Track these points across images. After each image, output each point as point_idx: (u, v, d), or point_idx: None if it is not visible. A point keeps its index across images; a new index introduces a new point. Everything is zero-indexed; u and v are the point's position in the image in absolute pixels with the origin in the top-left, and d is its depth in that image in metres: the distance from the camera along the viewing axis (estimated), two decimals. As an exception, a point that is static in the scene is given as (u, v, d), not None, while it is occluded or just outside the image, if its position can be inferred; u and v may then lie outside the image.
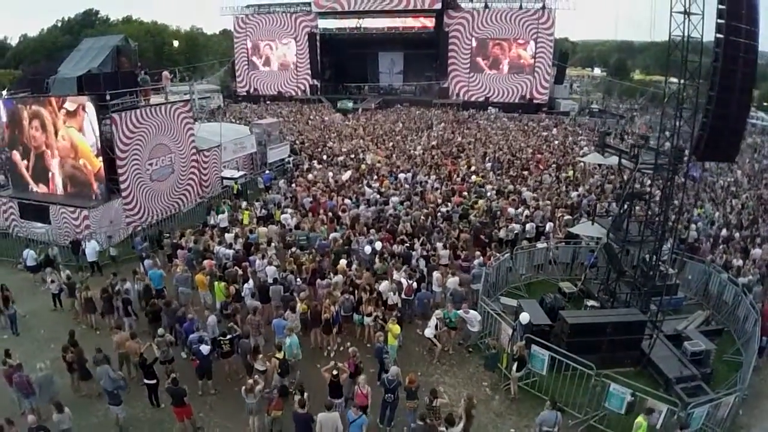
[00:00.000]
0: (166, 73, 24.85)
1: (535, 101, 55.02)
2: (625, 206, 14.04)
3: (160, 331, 12.00)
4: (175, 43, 73.22)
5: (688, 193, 25.75)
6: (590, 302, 14.55)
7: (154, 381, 11.10)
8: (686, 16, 11.23)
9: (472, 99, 56.42)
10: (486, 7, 55.65)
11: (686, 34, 11.26)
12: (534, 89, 55.31)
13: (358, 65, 62.69)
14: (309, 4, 59.64)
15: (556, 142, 36.41)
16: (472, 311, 13.10)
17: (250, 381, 10.12)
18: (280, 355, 11.00)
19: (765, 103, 66.81)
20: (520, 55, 55.33)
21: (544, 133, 40.01)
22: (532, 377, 11.94)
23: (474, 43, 55.99)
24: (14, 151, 21.72)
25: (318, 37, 59.20)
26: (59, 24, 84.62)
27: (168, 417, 10.90)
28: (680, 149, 12.21)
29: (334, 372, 10.36)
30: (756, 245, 19.06)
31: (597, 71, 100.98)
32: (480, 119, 47.99)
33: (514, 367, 11.42)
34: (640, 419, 9.62)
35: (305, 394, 9.57)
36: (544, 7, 53.38)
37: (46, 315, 15.31)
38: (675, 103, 11.88)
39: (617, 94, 73.02)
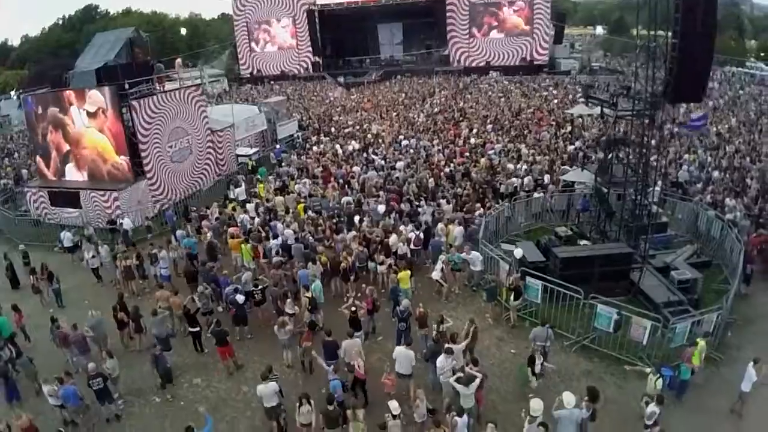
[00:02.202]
0: (179, 60, 26.25)
1: (535, 62, 55.48)
2: (608, 151, 15.25)
3: (200, 288, 13.62)
4: (183, 31, 74.08)
5: (681, 140, 27.03)
6: (583, 242, 15.87)
7: (198, 329, 12.74)
8: None
9: (473, 64, 56.97)
10: (482, -30, 55.95)
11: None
12: (534, 51, 55.74)
13: (358, 39, 63.07)
14: (306, -19, 60.19)
15: (556, 101, 37.29)
16: (473, 252, 14.54)
17: (282, 318, 11.73)
18: (309, 294, 12.64)
19: (762, 54, 66.88)
20: (515, 23, 55.83)
21: (544, 93, 40.86)
22: (529, 307, 13.42)
23: (471, 9, 56.33)
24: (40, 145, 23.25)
25: (316, 14, 59.68)
26: (60, 22, 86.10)
27: (211, 360, 12.62)
28: (654, 94, 13.31)
29: (353, 309, 11.92)
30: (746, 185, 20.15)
31: (599, 29, 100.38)
32: (481, 84, 48.78)
33: (512, 297, 12.91)
34: (702, 343, 10.82)
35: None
36: (540, -32, 53.59)
37: (88, 288, 16.85)
38: (646, 51, 13.03)
39: (619, 51, 73.02)
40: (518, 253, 13.76)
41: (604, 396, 9.90)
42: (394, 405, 8.95)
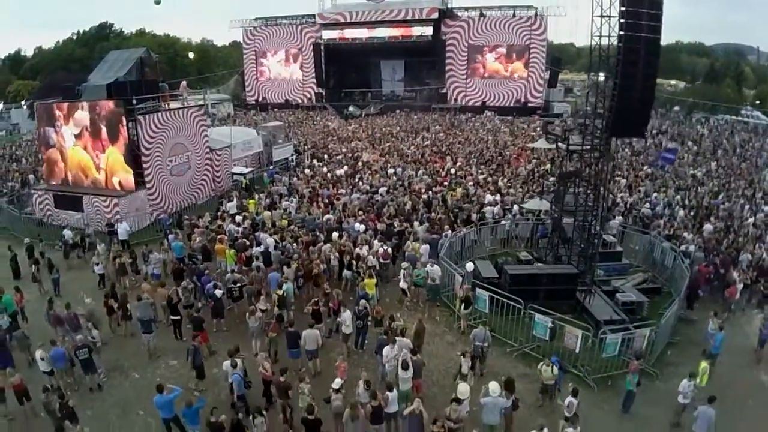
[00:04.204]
0: (184, 83, 28.24)
1: (529, 104, 57.66)
2: (561, 182, 16.91)
3: (184, 283, 15.13)
4: (191, 55, 76.74)
5: (656, 181, 28.70)
6: (523, 253, 17.37)
7: (179, 317, 14.23)
8: (602, 18, 14.28)
9: (470, 103, 59.18)
10: (481, 15, 58.76)
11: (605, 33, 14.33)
12: (528, 93, 57.96)
13: (361, 73, 65.61)
14: (314, 16, 63.23)
15: (550, 145, 39.04)
16: (435, 266, 16.06)
17: (252, 307, 13.27)
18: (279, 292, 14.19)
19: (758, 102, 69.06)
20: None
21: (532, 134, 42.81)
22: (478, 317, 14.84)
23: (470, 51, 59.01)
24: (49, 151, 25.07)
25: (322, 47, 62.26)
26: (74, 37, 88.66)
27: (188, 346, 13.96)
28: (599, 129, 14.99)
29: (314, 307, 13.48)
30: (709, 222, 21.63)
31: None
32: (475, 122, 50.86)
33: (462, 307, 14.37)
34: (704, 364, 11.92)
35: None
36: (536, 15, 56.28)
37: (84, 282, 18.12)
38: (595, 91, 14.83)
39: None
40: (469, 266, 15.34)
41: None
42: (336, 381, 10.37)
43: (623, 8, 13.60)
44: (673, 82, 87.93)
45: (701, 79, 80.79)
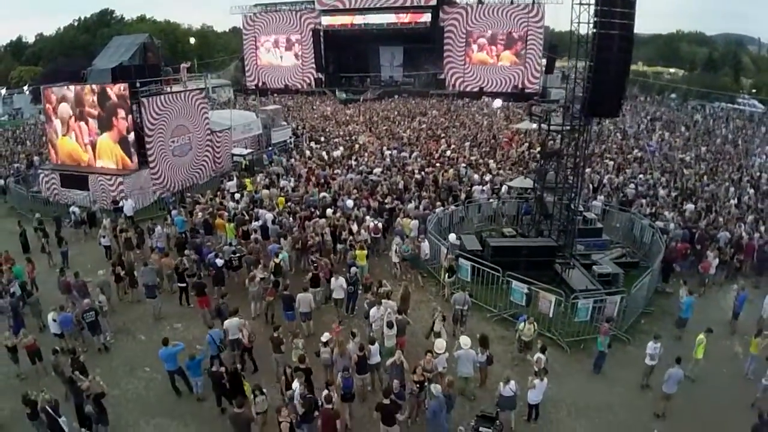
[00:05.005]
0: (184, 65, 29.06)
1: (527, 90, 58.32)
2: (544, 161, 17.86)
3: (187, 252, 16.18)
4: (192, 41, 77.19)
5: (644, 164, 29.57)
6: (508, 229, 18.38)
7: (185, 284, 15.29)
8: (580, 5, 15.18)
9: (467, 89, 59.94)
10: (480, 2, 59.31)
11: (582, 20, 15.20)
12: (525, 79, 58.72)
13: (360, 59, 66.13)
14: (313, 2, 63.77)
15: (534, 125, 39.89)
16: (425, 242, 17.10)
17: (252, 274, 14.30)
18: (276, 260, 15.17)
19: (754, 90, 69.66)
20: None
21: (525, 118, 43.56)
22: (461, 285, 15.76)
23: (468, 37, 59.65)
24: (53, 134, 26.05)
25: (322, 33, 62.98)
26: (76, 23, 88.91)
27: (192, 311, 15.12)
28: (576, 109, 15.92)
29: (314, 272, 14.59)
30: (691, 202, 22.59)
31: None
32: (472, 108, 51.61)
33: (446, 275, 15.41)
34: (701, 336, 12.36)
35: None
36: (534, 2, 56.77)
37: (91, 255, 19.26)
38: (574, 75, 15.74)
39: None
40: (452, 237, 16.40)
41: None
42: (325, 335, 11.44)
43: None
44: (672, 70, 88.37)
45: (699, 68, 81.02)
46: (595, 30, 14.66)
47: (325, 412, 9.49)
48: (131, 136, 23.89)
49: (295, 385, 10.02)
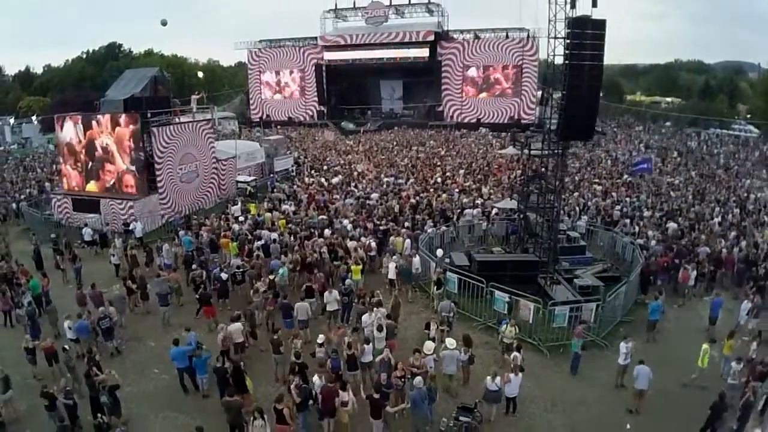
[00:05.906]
0: (195, 96, 30.78)
1: (523, 121, 59.91)
2: (527, 183, 19.18)
3: (194, 266, 17.44)
4: (200, 74, 79.60)
5: (632, 188, 30.82)
6: (497, 248, 19.56)
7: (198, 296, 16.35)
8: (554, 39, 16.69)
9: (465, 120, 61.72)
10: (476, 37, 61.66)
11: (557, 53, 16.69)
12: (521, 110, 60.50)
13: (361, 92, 68.33)
14: (315, 38, 66.56)
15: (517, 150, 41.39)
16: (416, 257, 18.27)
17: (255, 286, 15.52)
18: (272, 277, 16.37)
19: (748, 116, 71.11)
20: (503, 85, 61.39)
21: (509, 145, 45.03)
22: (448, 295, 16.84)
23: (465, 71, 61.84)
24: (68, 162, 27.40)
25: (324, 68, 65.38)
26: (84, 56, 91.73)
27: (197, 321, 16.12)
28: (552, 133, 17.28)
29: (308, 284, 15.70)
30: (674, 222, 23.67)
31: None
32: (469, 138, 53.24)
33: (435, 288, 16.55)
34: (705, 346, 13.32)
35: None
36: (528, 36, 59.01)
37: (100, 273, 20.11)
38: (549, 103, 17.15)
39: (610, 114, 77.30)
40: (439, 252, 17.58)
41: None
42: (320, 336, 12.57)
43: (569, 30, 15.97)
44: (669, 99, 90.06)
45: (695, 96, 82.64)
46: (567, 62, 16.13)
47: (326, 389, 10.72)
48: (141, 164, 25.27)
49: (292, 377, 11.14)
